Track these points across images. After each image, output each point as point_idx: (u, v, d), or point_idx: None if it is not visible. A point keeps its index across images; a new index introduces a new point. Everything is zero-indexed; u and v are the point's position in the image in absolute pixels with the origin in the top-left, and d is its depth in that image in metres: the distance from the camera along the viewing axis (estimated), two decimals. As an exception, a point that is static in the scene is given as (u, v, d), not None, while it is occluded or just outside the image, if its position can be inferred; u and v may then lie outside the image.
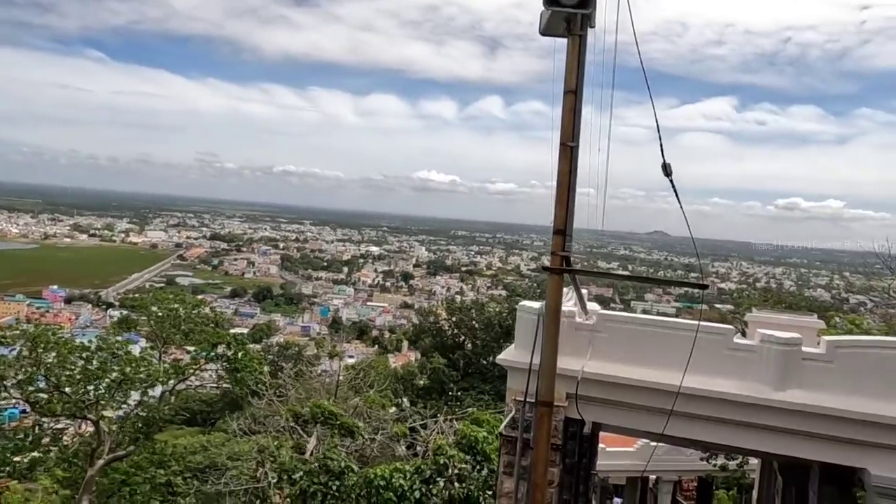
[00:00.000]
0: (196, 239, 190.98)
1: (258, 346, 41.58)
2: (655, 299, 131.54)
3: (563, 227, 6.01)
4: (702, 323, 6.52)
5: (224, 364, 19.70)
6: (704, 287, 7.40)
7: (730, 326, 7.12)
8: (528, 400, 6.90)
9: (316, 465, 12.32)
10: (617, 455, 19.34)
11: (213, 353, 19.53)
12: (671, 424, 6.40)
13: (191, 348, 21.29)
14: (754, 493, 12.50)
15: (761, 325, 7.51)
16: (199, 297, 42.73)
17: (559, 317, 6.20)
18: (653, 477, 20.73)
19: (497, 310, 34.12)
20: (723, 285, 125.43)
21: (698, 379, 6.35)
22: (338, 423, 15.33)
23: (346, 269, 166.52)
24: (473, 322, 33.70)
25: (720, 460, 19.22)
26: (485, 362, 31.14)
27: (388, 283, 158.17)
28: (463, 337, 33.95)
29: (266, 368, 21.24)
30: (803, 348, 6.30)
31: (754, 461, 12.38)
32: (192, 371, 19.96)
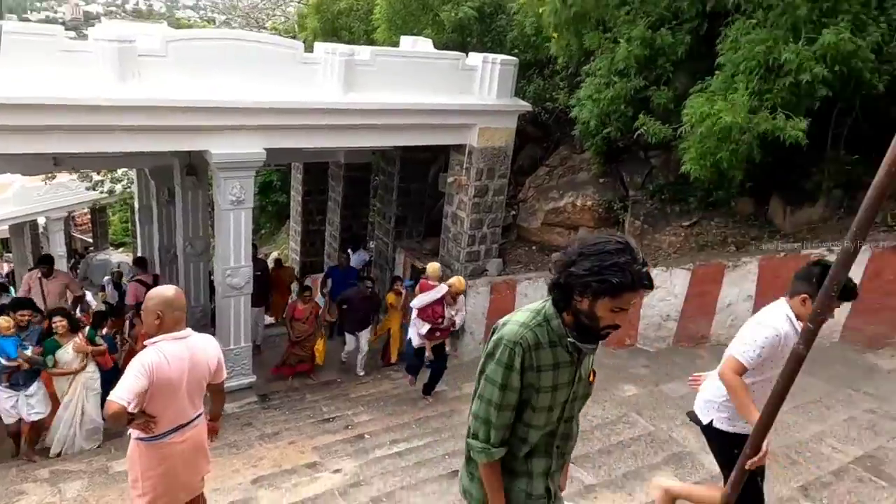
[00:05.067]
0: None
1: None
2: None
3: None
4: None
5: None
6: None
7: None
8: None
9: None
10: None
11: None
12: None
13: None
14: (136, 204, 13.17)
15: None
16: None
17: None
18: (41, 220, 19.46)
19: None
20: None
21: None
22: None
23: None
24: None
25: (107, 186, 19.28)
26: None
27: None
28: None
29: None
30: (141, 45, 6.41)
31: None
32: None
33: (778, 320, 2.77)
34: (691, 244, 8.13)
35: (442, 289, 7.14)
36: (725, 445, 2.90)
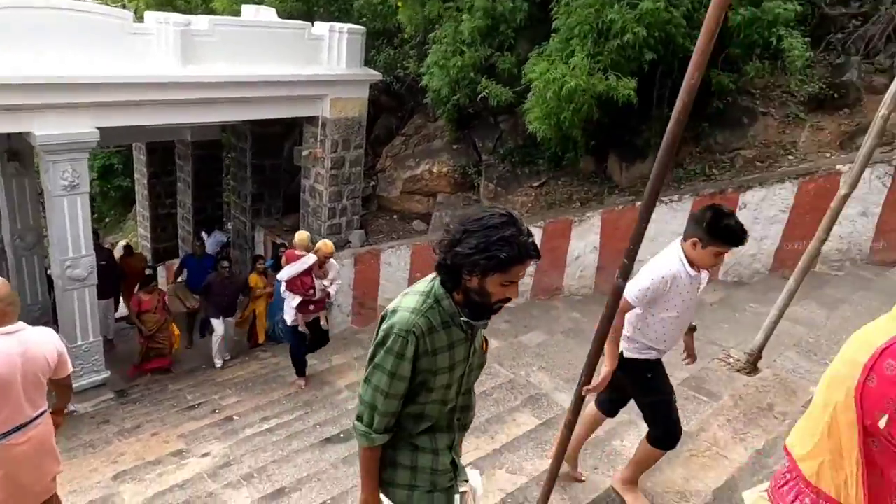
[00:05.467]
0: None
1: None
2: None
3: None
4: None
5: None
6: None
7: None
8: None
9: None
10: None
11: None
12: None
13: None
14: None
15: None
16: None
17: None
18: None
19: None
20: None
21: None
22: None
23: None
24: None
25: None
26: None
27: None
28: None
29: None
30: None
31: None
32: None
33: (669, 262, 2.84)
34: (541, 203, 8.62)
35: (310, 258, 6.69)
36: (637, 371, 3.04)
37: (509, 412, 4.84)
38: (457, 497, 2.15)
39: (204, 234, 11.17)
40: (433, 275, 1.98)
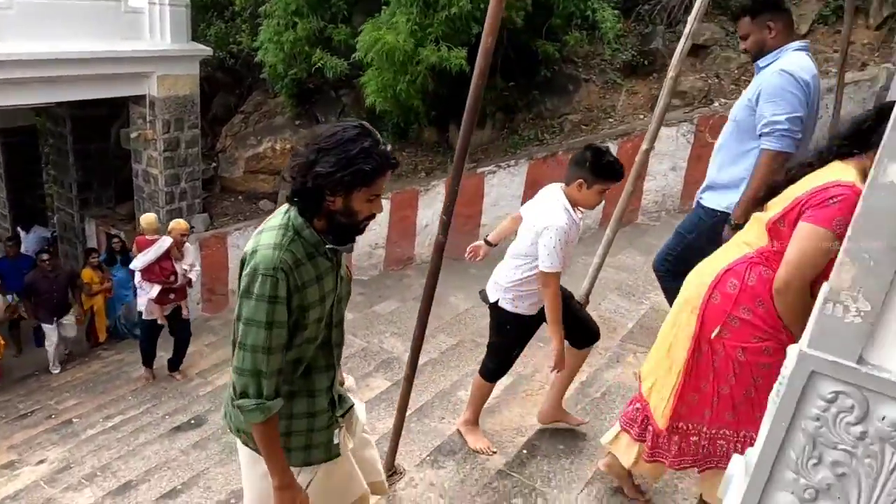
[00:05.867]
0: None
1: None
2: None
3: None
4: None
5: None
6: None
7: None
8: None
9: None
10: None
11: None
12: None
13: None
14: None
15: None
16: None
17: None
18: None
19: None
20: None
21: None
22: None
23: None
24: None
25: None
26: None
27: None
28: None
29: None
30: None
31: None
32: None
33: (558, 217, 2.83)
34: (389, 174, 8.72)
35: (165, 241, 6.23)
36: (503, 322, 3.12)
37: (363, 378, 4.95)
38: (336, 432, 2.05)
39: (21, 232, 10.10)
40: (284, 206, 1.86)
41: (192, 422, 4.88)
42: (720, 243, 2.75)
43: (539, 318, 3.11)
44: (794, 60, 2.93)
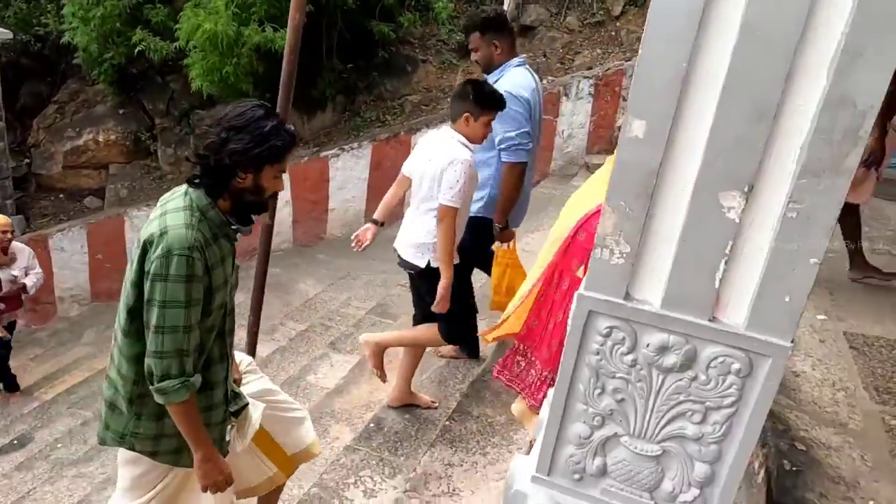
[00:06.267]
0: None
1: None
2: None
3: None
4: None
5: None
6: None
7: None
8: None
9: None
10: None
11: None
12: None
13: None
14: None
15: None
16: None
17: None
18: None
19: None
20: None
21: None
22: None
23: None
24: None
25: None
26: None
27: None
28: None
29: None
30: None
31: None
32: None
33: (461, 151, 2.79)
34: (228, 163, 8.35)
35: None
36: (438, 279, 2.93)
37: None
38: (228, 428, 2.04)
39: None
40: (182, 188, 1.85)
41: (15, 442, 4.43)
42: (491, 243, 3.22)
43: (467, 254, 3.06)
44: (514, 79, 3.16)
